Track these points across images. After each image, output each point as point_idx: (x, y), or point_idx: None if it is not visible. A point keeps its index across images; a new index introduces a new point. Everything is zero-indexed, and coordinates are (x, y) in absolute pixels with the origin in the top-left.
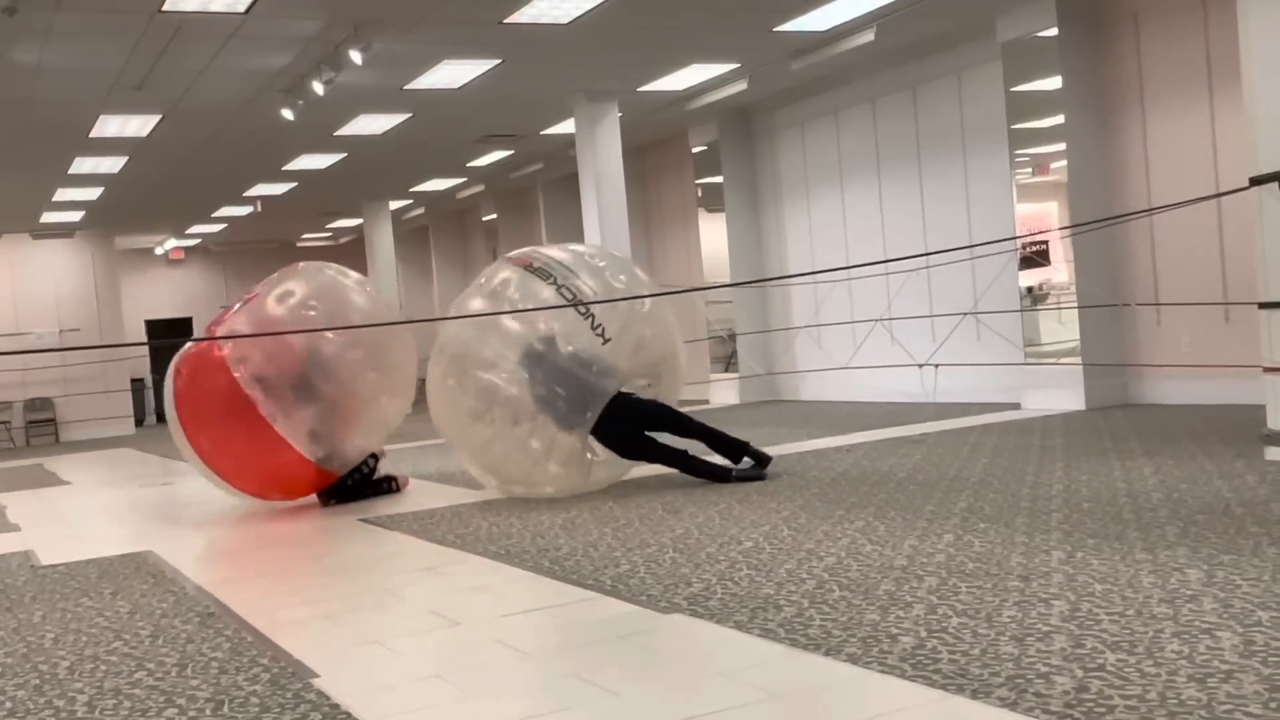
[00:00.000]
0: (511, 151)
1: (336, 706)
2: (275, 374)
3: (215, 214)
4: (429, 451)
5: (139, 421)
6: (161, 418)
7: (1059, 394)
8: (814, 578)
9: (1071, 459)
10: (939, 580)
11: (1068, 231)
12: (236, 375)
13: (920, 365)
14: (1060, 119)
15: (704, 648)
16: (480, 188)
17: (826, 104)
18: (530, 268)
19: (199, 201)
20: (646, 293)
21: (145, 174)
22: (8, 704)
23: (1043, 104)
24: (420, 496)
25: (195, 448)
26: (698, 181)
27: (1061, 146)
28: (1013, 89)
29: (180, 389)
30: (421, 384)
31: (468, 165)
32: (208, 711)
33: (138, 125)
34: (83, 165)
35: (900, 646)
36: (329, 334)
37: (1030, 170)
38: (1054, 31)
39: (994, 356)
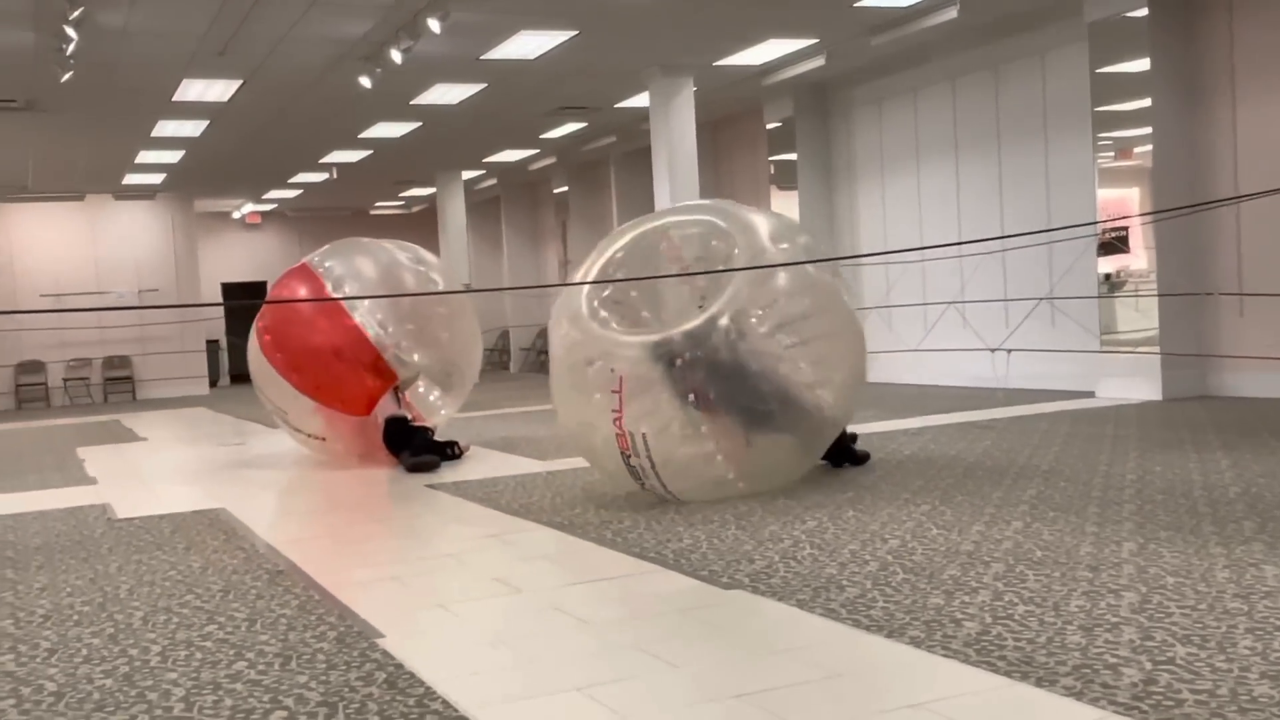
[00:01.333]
0: (585, 124)
1: (400, 666)
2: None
3: (291, 180)
4: (493, 421)
5: (213, 383)
6: (236, 379)
7: (1135, 383)
8: (878, 559)
9: (1146, 450)
10: (1006, 567)
11: (1151, 217)
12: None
13: (993, 350)
14: (1147, 102)
15: (765, 624)
16: (552, 160)
17: (905, 82)
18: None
19: (276, 167)
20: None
21: (225, 138)
22: (84, 651)
23: (1129, 86)
24: (485, 465)
25: (289, 377)
26: (771, 158)
27: (1147, 130)
28: (1098, 70)
29: (268, 339)
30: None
31: (541, 137)
32: (276, 666)
33: (220, 90)
34: (165, 128)
35: (964, 631)
36: (413, 268)
37: (1113, 154)
38: (1144, 12)
39: (1069, 343)
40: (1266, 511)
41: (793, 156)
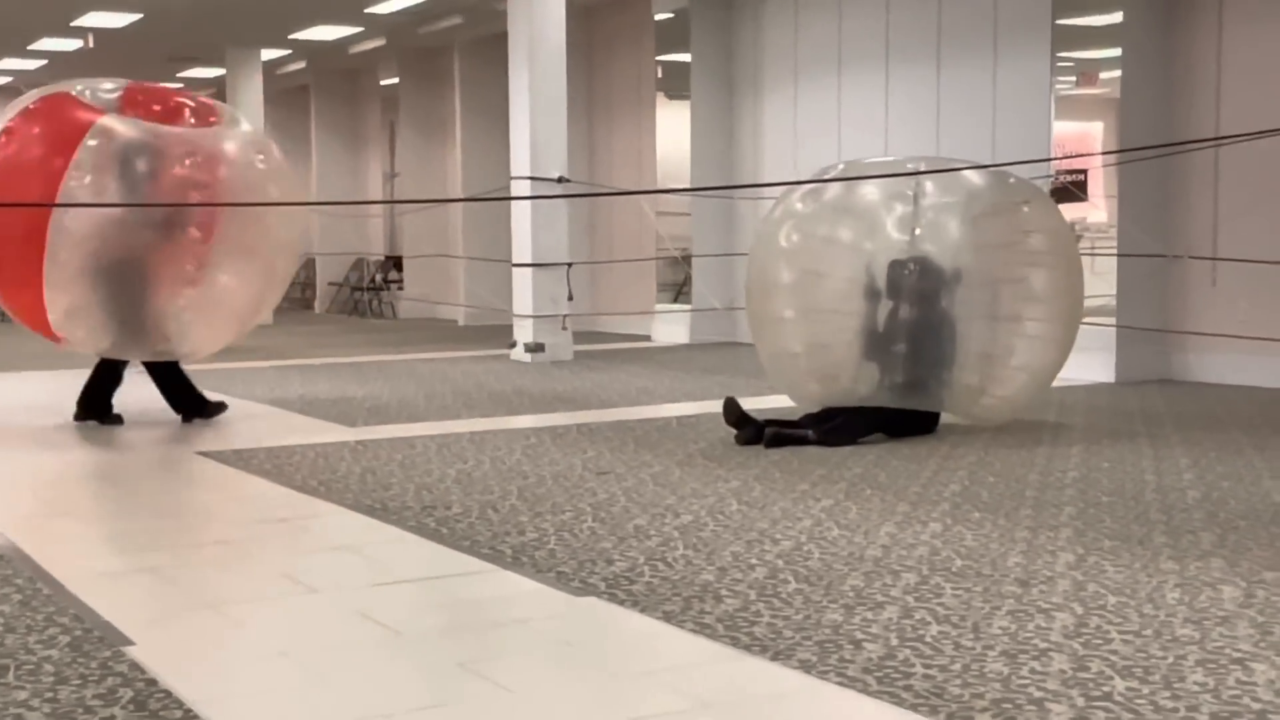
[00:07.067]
0: None
1: (153, 683)
2: None
3: (32, 46)
4: (290, 374)
5: None
6: None
7: (1085, 361)
8: (765, 565)
9: (1092, 441)
10: (919, 578)
11: (1114, 158)
12: None
13: None
14: (1117, 17)
15: (623, 641)
16: (380, 42)
17: None
18: None
19: (13, 28)
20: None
21: None
22: None
23: None
24: (276, 429)
25: None
26: (659, 59)
27: (1116, 52)
28: None
29: None
30: None
31: (365, 11)
32: None
33: None
34: None
35: (865, 655)
36: None
37: (1074, 79)
38: None
39: None
40: (1228, 522)
41: (686, 57)
